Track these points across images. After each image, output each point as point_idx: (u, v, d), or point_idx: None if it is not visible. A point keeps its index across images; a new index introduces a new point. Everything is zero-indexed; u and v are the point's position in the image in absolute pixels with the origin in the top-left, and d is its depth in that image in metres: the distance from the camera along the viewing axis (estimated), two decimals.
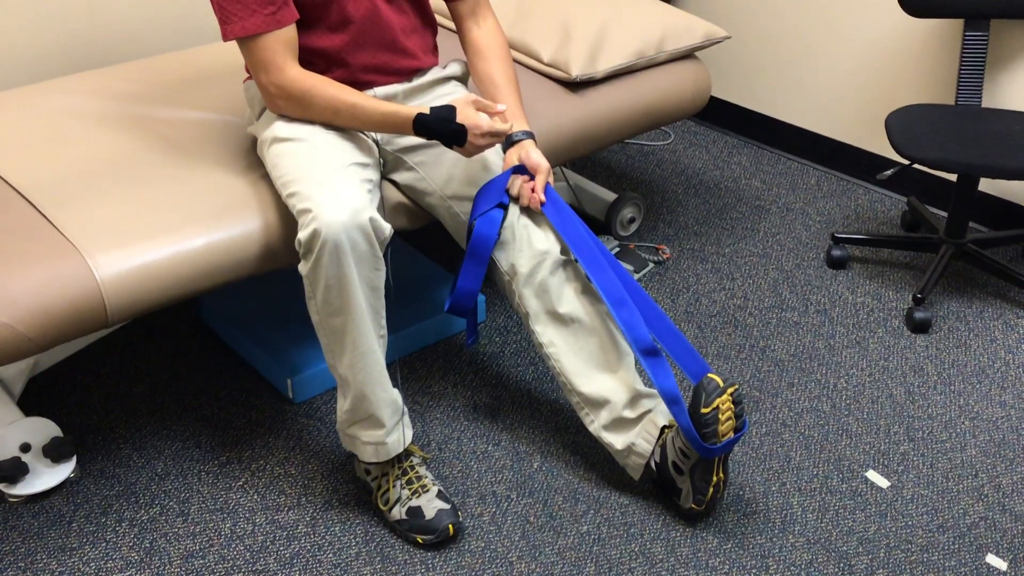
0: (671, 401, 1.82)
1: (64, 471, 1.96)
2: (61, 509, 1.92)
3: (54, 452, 1.93)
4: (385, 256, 1.78)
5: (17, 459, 1.90)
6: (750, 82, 3.27)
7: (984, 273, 2.67)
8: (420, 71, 2.05)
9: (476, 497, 1.97)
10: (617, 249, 2.67)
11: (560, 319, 1.92)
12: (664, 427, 1.89)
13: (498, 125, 1.80)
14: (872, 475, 2.04)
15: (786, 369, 2.32)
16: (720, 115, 3.39)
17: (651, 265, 2.67)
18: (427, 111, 1.80)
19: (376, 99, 1.85)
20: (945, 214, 2.93)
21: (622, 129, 2.41)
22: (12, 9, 2.40)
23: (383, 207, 1.99)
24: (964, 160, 2.31)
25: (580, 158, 2.77)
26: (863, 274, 2.66)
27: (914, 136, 2.39)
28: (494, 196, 1.89)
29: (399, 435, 1.88)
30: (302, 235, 1.71)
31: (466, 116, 1.80)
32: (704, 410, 1.78)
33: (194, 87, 2.28)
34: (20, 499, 1.93)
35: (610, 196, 2.77)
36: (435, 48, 2.09)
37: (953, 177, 2.88)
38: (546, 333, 1.93)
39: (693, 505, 1.87)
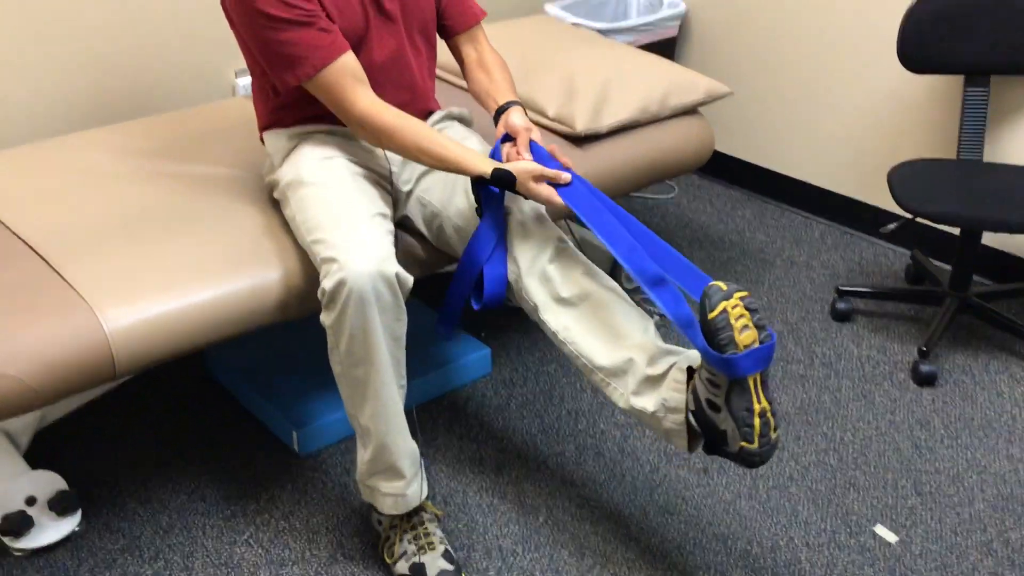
0: (685, 325, 1.69)
1: (69, 524, 1.95)
2: (66, 563, 1.91)
3: (59, 505, 1.92)
4: None
5: (23, 512, 1.89)
6: (753, 136, 3.30)
7: (989, 326, 2.67)
8: (430, 112, 2.12)
9: (482, 551, 1.96)
10: None
11: (568, 302, 1.86)
12: (690, 369, 1.74)
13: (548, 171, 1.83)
14: (880, 530, 2.03)
15: (792, 422, 2.31)
16: (724, 169, 3.42)
17: (656, 317, 2.67)
18: (488, 171, 1.83)
19: (440, 145, 1.86)
20: (949, 267, 2.94)
21: (626, 183, 2.43)
22: (27, 66, 2.45)
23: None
24: (967, 214, 2.32)
25: None
26: (868, 327, 2.67)
27: (917, 190, 2.41)
28: (493, 222, 1.89)
29: (418, 486, 1.88)
30: (327, 284, 1.72)
31: (525, 186, 1.83)
32: (711, 315, 1.62)
33: (206, 143, 2.31)
34: (25, 552, 1.92)
35: None
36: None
37: (956, 231, 2.89)
38: (558, 320, 1.86)
39: (743, 443, 1.65)
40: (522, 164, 1.83)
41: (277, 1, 1.80)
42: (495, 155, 1.94)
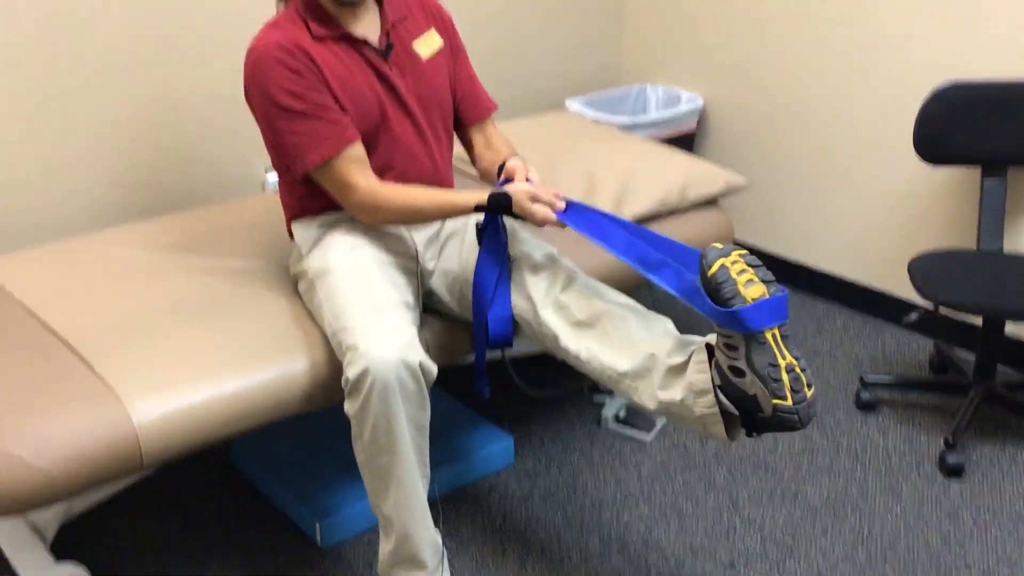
0: (691, 294, 1.67)
1: None
2: None
3: None
4: None
5: None
6: (772, 227, 3.33)
7: (1015, 416, 2.64)
8: None
9: None
10: None
11: (585, 324, 1.87)
12: (708, 346, 1.72)
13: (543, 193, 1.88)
14: None
15: (819, 515, 2.28)
16: None
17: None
18: (484, 200, 1.90)
19: (436, 195, 1.94)
20: (973, 357, 2.92)
21: None
22: (64, 165, 2.52)
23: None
24: (989, 304, 2.33)
25: None
26: (893, 417, 2.65)
27: (938, 280, 2.42)
28: (495, 262, 1.95)
29: None
30: (350, 373, 1.74)
31: (520, 204, 1.88)
32: (710, 272, 1.61)
33: (235, 237, 2.36)
34: None
35: None
36: None
37: (979, 320, 2.89)
38: (579, 344, 1.86)
39: (776, 401, 1.59)
40: (517, 184, 1.89)
41: (288, 94, 1.89)
42: (500, 250, 1.98)
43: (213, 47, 2.67)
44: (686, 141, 3.34)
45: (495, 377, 2.06)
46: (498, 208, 1.89)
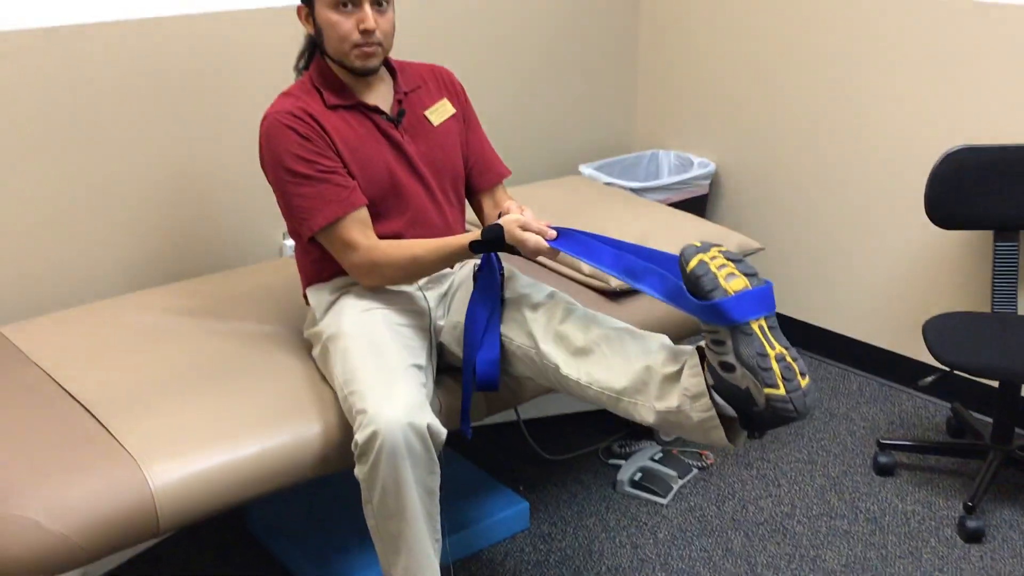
0: (676, 296, 1.68)
1: None
2: None
3: None
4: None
5: None
6: (786, 290, 3.34)
7: None
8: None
9: None
10: (660, 455, 2.68)
11: (584, 351, 1.88)
12: (700, 349, 1.73)
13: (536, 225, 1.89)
14: None
15: None
16: None
17: (695, 471, 2.65)
18: (478, 236, 1.91)
19: (431, 242, 1.96)
20: (990, 419, 2.90)
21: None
22: (88, 232, 2.56)
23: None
24: (1004, 367, 2.32)
25: None
26: (911, 481, 2.63)
27: (952, 343, 2.42)
28: (489, 301, 1.97)
29: None
30: (359, 437, 1.75)
31: (512, 234, 1.89)
32: (689, 268, 1.64)
33: (251, 302, 2.39)
34: None
35: None
36: None
37: (995, 383, 2.87)
38: (579, 369, 1.87)
39: (768, 391, 1.58)
40: (508, 216, 1.91)
41: (297, 159, 1.95)
42: (494, 286, 2.01)
43: (232, 119, 2.72)
44: (698, 205, 3.37)
45: (511, 440, 2.06)
46: (491, 240, 1.90)
